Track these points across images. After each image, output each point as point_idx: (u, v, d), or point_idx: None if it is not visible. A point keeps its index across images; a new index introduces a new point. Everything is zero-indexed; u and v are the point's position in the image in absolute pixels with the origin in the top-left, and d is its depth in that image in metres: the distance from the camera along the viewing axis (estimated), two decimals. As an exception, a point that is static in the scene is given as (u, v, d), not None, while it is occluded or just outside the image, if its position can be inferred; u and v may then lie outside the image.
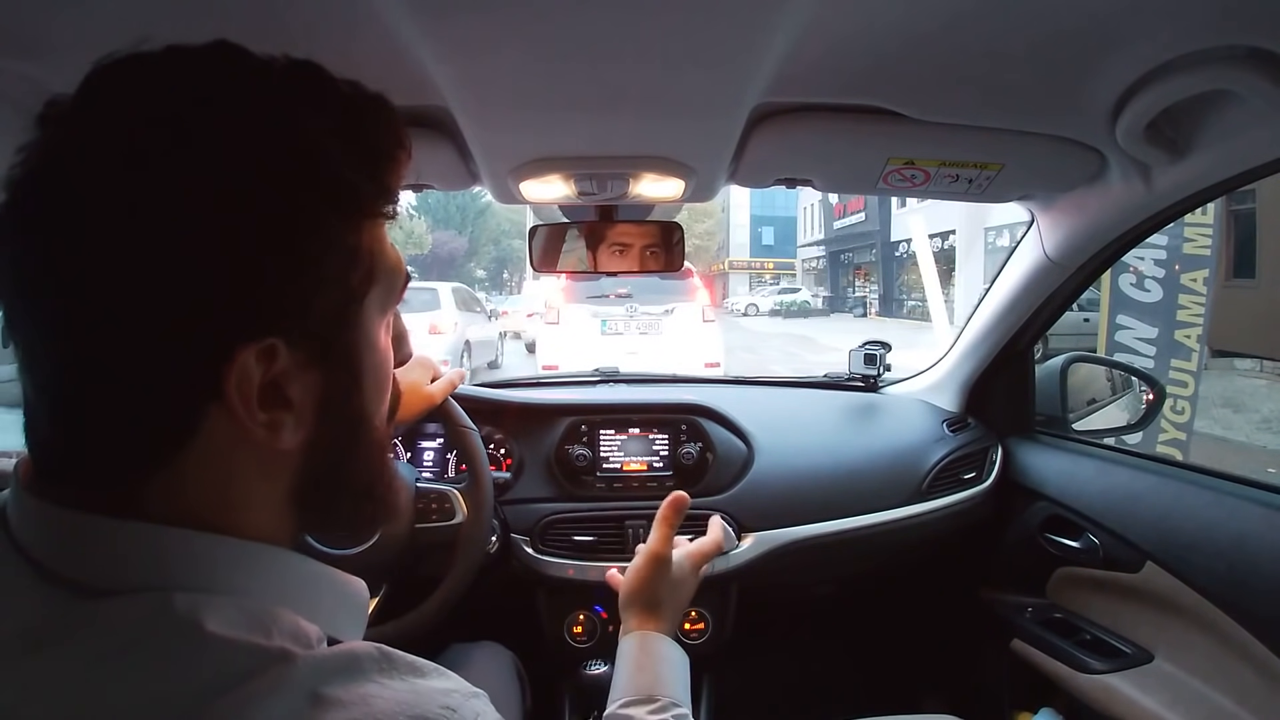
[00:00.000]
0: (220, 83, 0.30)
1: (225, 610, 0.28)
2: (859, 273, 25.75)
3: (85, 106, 0.29)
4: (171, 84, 0.29)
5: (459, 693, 0.31)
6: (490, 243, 35.15)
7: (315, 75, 0.32)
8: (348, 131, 0.32)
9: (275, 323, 0.29)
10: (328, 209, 0.31)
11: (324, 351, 0.32)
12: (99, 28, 0.53)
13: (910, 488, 1.16)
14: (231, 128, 0.29)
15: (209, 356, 0.28)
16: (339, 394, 0.33)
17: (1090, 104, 0.70)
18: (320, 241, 0.31)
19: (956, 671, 1.36)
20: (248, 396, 0.29)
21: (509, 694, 0.91)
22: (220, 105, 0.29)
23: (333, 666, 0.29)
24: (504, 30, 0.54)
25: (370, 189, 0.33)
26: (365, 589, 0.38)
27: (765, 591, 1.16)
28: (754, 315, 22.29)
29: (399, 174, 0.34)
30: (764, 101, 0.71)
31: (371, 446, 0.37)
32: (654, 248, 1.05)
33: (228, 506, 0.32)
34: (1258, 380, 7.12)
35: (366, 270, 0.33)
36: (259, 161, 0.29)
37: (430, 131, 0.77)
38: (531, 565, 1.06)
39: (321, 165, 0.30)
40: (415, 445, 1.13)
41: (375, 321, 0.35)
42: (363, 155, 0.32)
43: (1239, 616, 0.82)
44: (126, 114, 0.28)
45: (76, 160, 0.28)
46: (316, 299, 0.31)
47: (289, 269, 0.30)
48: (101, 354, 0.28)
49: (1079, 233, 1.00)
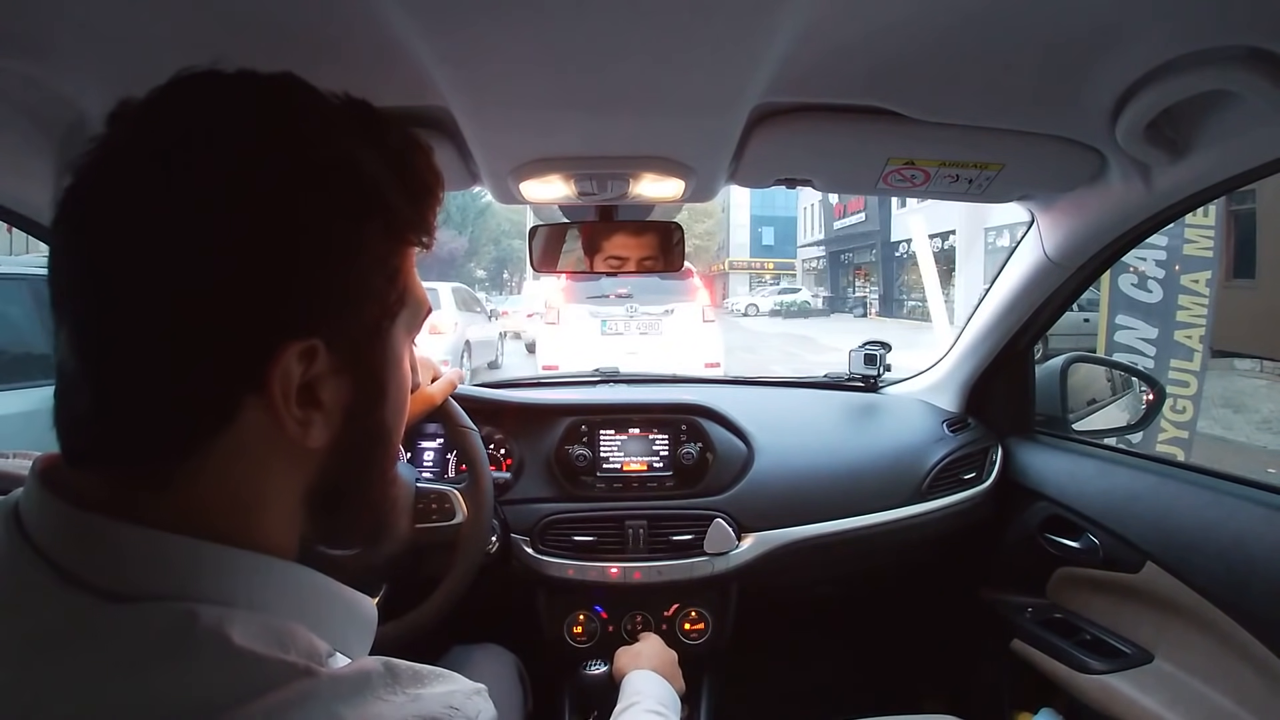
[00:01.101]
0: (292, 109, 0.33)
1: (248, 624, 0.29)
2: (859, 273, 25.68)
3: (160, 110, 0.32)
4: (251, 103, 0.32)
5: (460, 692, 0.33)
6: (490, 243, 35.13)
7: (372, 113, 0.35)
8: (397, 165, 0.35)
9: (320, 325, 0.32)
10: (378, 230, 0.34)
11: (356, 361, 0.34)
12: (100, 28, 0.53)
13: (910, 488, 1.16)
14: (298, 149, 0.31)
15: (258, 348, 0.30)
16: (365, 403, 0.36)
17: (1090, 104, 0.70)
18: (369, 258, 0.34)
19: (956, 671, 1.36)
20: (288, 391, 0.31)
21: (510, 695, 0.91)
22: (291, 128, 0.32)
23: (348, 685, 0.30)
24: (504, 30, 0.54)
25: (414, 219, 0.36)
26: (374, 608, 0.39)
27: (765, 592, 1.16)
28: (754, 315, 22.28)
29: (435, 210, 0.38)
30: (764, 101, 0.71)
31: (386, 461, 0.39)
32: (654, 248, 1.05)
33: (246, 505, 0.32)
34: (1258, 380, 7.12)
35: (400, 293, 0.36)
36: (323, 182, 0.32)
37: (430, 131, 0.77)
38: (531, 565, 1.06)
39: (377, 191, 0.34)
40: (415, 445, 1.13)
41: (403, 342, 0.38)
42: (409, 188, 0.36)
43: (1239, 617, 0.82)
44: (203, 123, 0.31)
45: (148, 160, 0.30)
46: (359, 309, 0.34)
47: (340, 277, 0.33)
48: (155, 335, 0.29)
49: (1079, 233, 1.00)
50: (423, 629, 0.86)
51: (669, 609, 1.11)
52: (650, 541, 1.07)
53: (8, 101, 0.61)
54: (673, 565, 1.06)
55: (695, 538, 1.07)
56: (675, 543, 1.07)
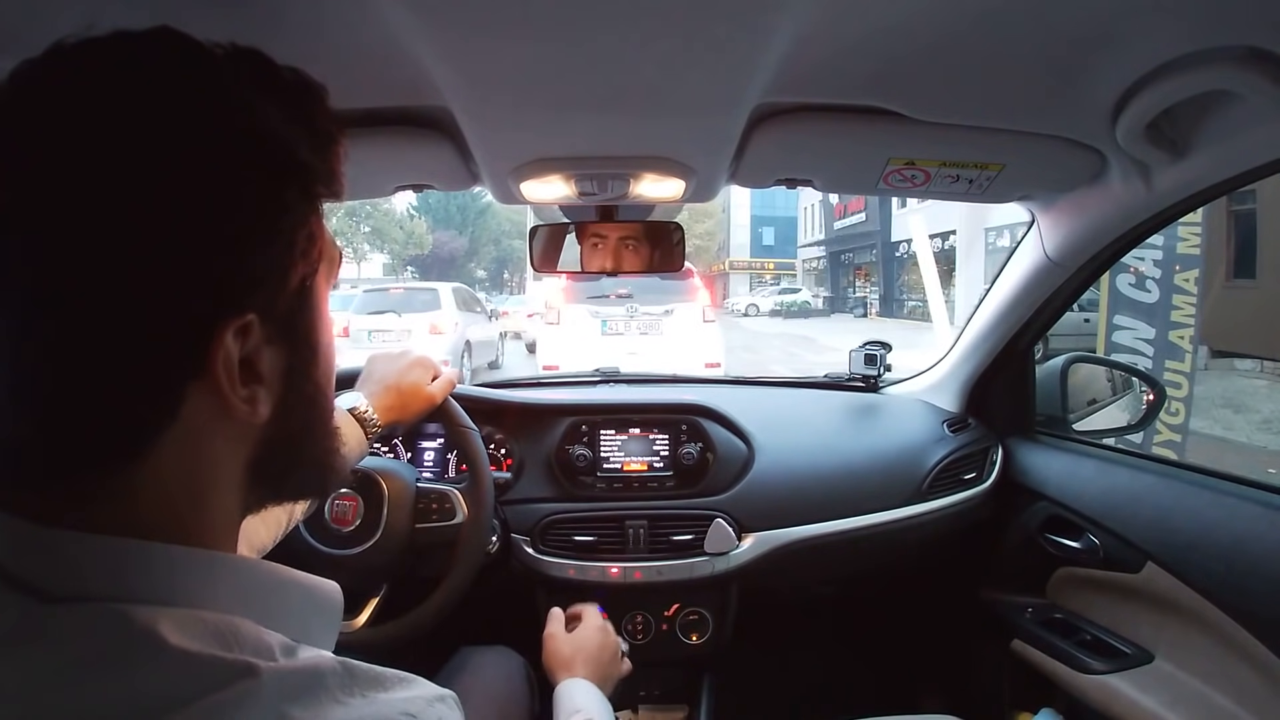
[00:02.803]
0: (177, 67, 0.30)
1: (185, 622, 0.28)
2: (859, 273, 25.69)
3: (36, 93, 0.29)
4: (132, 69, 0.29)
5: (421, 699, 0.32)
6: (491, 243, 35.06)
7: (262, 61, 0.33)
8: (297, 116, 0.33)
9: (252, 300, 0.31)
10: (296, 193, 0.33)
11: (289, 326, 0.34)
12: (100, 27, 0.53)
13: (910, 488, 1.16)
14: (192, 106, 0.29)
15: (195, 335, 0.29)
16: (300, 366, 0.35)
17: (1090, 104, 0.70)
18: (291, 222, 0.32)
19: (956, 671, 1.36)
20: (230, 371, 0.30)
21: (518, 698, 0.90)
22: (189, 97, 0.29)
23: (297, 683, 0.29)
24: (504, 30, 0.54)
25: (323, 172, 0.34)
26: (338, 591, 0.38)
27: (765, 592, 1.16)
28: (754, 315, 22.35)
29: (341, 157, 0.36)
30: (764, 101, 0.71)
31: (326, 416, 0.39)
32: (654, 248, 1.05)
33: (190, 494, 0.31)
34: (1258, 381, 7.12)
35: (319, 248, 0.35)
36: (237, 154, 0.30)
37: (430, 131, 0.77)
38: (532, 565, 1.06)
39: (289, 153, 0.32)
40: (415, 445, 1.13)
41: (324, 295, 0.38)
42: (312, 138, 0.34)
43: (1239, 617, 0.82)
44: (86, 100, 0.28)
45: (34, 147, 0.27)
46: (286, 275, 0.33)
47: (267, 247, 0.31)
48: (81, 342, 0.27)
49: (1079, 233, 1.00)
50: (423, 628, 0.86)
51: (669, 609, 1.11)
52: (650, 541, 1.07)
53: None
54: (673, 565, 1.06)
55: (695, 538, 1.07)
56: (675, 543, 1.07)
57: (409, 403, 0.86)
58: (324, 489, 0.46)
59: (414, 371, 0.88)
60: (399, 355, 0.90)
